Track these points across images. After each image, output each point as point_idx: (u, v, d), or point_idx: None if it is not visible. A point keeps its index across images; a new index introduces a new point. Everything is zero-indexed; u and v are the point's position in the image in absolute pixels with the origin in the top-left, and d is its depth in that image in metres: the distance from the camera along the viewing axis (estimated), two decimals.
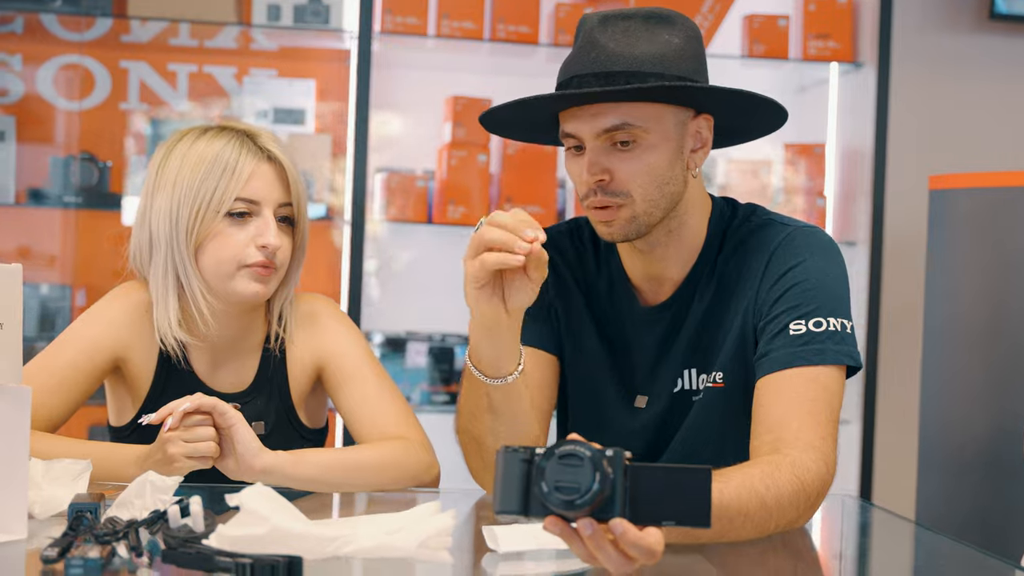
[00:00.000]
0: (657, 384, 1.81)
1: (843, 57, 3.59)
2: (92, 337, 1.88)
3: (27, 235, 3.62)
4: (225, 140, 1.84)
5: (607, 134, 1.67)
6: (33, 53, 3.63)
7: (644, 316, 1.81)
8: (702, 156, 1.74)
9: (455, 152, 3.51)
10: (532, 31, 3.51)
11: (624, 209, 1.69)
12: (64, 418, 1.85)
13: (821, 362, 1.65)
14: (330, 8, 3.46)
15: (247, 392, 1.92)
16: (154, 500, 1.44)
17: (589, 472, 1.17)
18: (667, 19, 1.70)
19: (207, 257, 1.83)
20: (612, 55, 1.66)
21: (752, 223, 1.79)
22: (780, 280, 1.71)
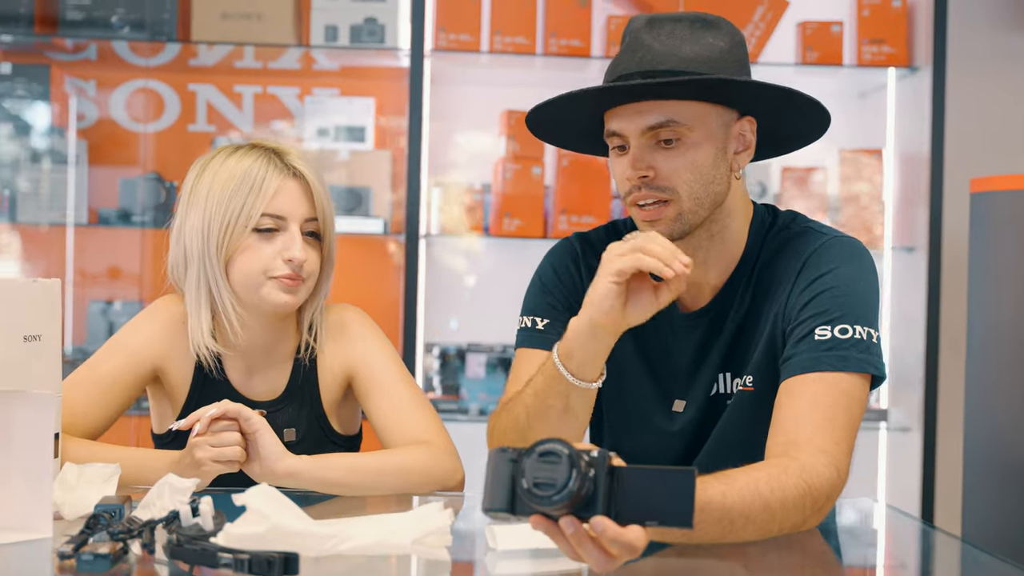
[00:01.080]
0: (695, 388, 1.83)
1: (899, 62, 3.57)
2: (132, 349, 1.97)
3: (99, 254, 3.76)
4: (253, 158, 1.92)
5: (651, 131, 1.69)
6: (106, 79, 3.78)
7: (683, 321, 1.83)
8: (745, 158, 1.76)
9: (510, 165, 3.56)
10: (584, 44, 3.56)
11: (670, 206, 1.72)
12: (105, 426, 1.95)
13: (844, 368, 1.65)
14: (385, 27, 3.54)
15: (279, 400, 1.99)
16: (172, 501, 1.51)
17: (566, 469, 1.20)
18: (713, 23, 1.73)
19: (237, 270, 1.90)
20: (657, 55, 1.69)
21: (791, 230, 1.81)
22: (810, 286, 1.72)
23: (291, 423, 1.98)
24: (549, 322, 1.87)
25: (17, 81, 3.61)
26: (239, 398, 1.95)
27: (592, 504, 1.21)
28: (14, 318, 1.62)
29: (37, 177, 3.59)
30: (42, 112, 3.64)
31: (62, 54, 3.74)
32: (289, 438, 1.97)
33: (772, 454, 1.60)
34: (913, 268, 3.53)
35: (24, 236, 3.70)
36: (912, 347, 3.52)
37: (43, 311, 1.68)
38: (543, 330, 1.87)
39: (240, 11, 3.52)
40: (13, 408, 1.50)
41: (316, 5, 3.55)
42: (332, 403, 2.02)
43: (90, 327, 3.68)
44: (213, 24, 3.53)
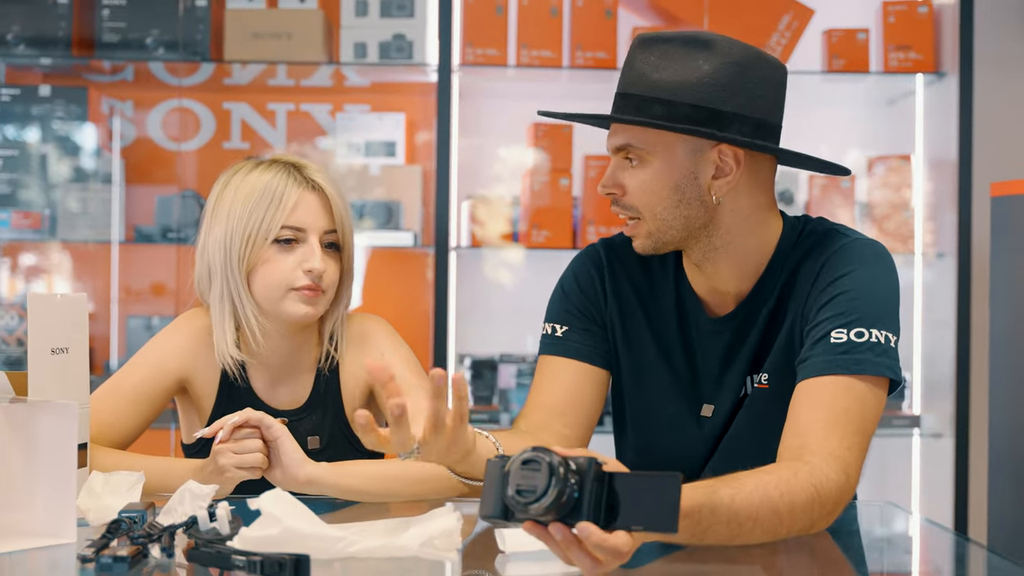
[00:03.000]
0: (723, 392, 1.84)
1: (925, 68, 3.57)
2: (158, 361, 2.02)
3: (137, 271, 3.84)
4: (273, 172, 1.97)
5: (619, 151, 1.75)
6: (143, 99, 3.86)
7: (710, 326, 1.85)
8: (724, 185, 1.74)
9: (538, 177, 3.60)
10: (610, 56, 3.59)
11: (639, 224, 1.77)
12: (133, 436, 2.00)
13: (859, 372, 1.65)
14: (413, 43, 3.60)
15: (303, 408, 2.04)
16: (192, 506, 1.55)
17: (545, 476, 1.23)
18: (706, 44, 1.71)
19: (258, 282, 1.96)
20: (635, 77, 1.73)
21: (816, 232, 1.82)
22: (828, 287, 1.73)
23: (315, 431, 2.03)
24: (568, 329, 1.90)
25: (56, 103, 3.70)
26: (263, 407, 2.00)
27: (578, 510, 1.24)
28: (41, 331, 1.68)
29: (78, 196, 3.67)
30: (80, 132, 3.73)
31: (99, 76, 3.83)
32: (313, 446, 2.01)
33: (784, 456, 1.61)
34: (943, 273, 3.53)
35: (64, 254, 3.78)
36: (944, 353, 3.51)
37: (70, 325, 1.74)
38: (562, 337, 1.90)
39: (271, 30, 3.59)
40: (39, 418, 1.55)
41: (345, 23, 3.61)
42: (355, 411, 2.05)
43: (131, 342, 3.75)
44: (245, 43, 3.60)
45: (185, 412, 2.11)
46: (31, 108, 3.69)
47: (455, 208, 3.59)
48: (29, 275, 3.81)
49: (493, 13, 3.58)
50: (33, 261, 3.80)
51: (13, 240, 3.68)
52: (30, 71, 3.80)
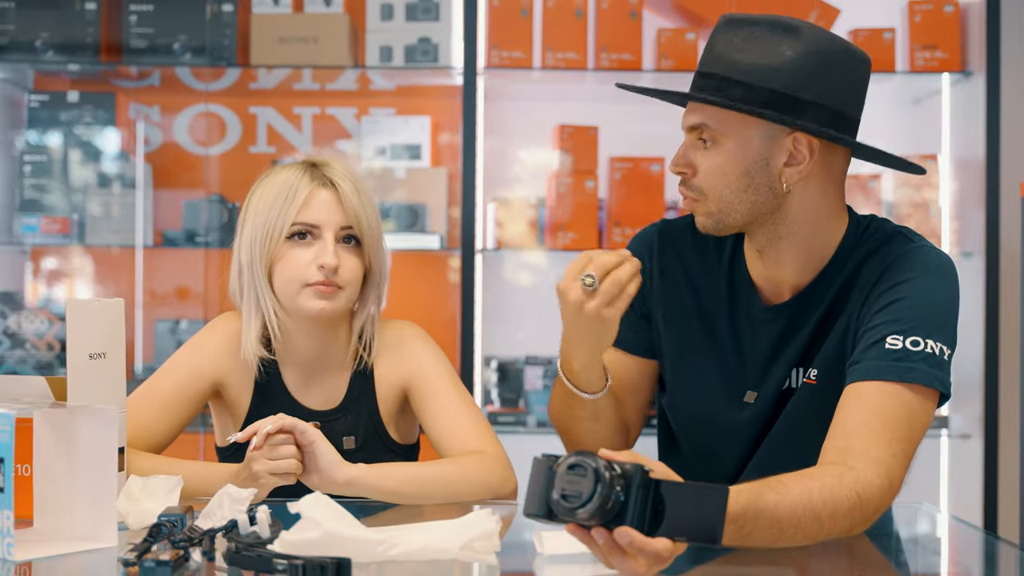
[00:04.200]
0: (768, 381, 1.83)
1: (952, 67, 3.56)
2: (192, 365, 2.04)
3: (165, 274, 3.86)
4: (291, 171, 2.01)
5: (693, 130, 1.74)
6: (170, 104, 3.88)
7: (762, 314, 1.83)
8: (796, 173, 1.73)
9: (564, 179, 3.60)
10: (635, 58, 3.59)
11: (700, 204, 1.76)
12: (168, 439, 2.02)
13: (911, 380, 1.64)
14: (438, 46, 3.61)
15: (337, 409, 2.05)
16: (231, 510, 1.57)
17: (591, 482, 1.24)
18: (792, 29, 1.70)
19: (277, 278, 1.98)
20: (716, 57, 1.72)
21: (883, 232, 1.80)
22: (888, 292, 1.71)
23: (350, 432, 2.04)
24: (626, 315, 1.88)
25: (84, 108, 3.73)
26: (297, 407, 2.02)
27: (622, 516, 1.25)
28: (80, 337, 1.69)
29: (105, 201, 3.70)
30: (108, 138, 3.75)
31: (127, 81, 3.86)
32: (348, 446, 2.03)
33: (828, 458, 1.61)
34: (971, 273, 3.51)
35: (93, 258, 3.81)
36: (972, 353, 3.49)
37: (107, 330, 1.75)
38: None
39: (297, 35, 3.61)
40: (79, 423, 1.57)
41: (371, 27, 3.62)
42: (389, 413, 2.07)
43: (158, 346, 3.77)
44: (271, 48, 3.62)
45: (219, 415, 2.12)
46: (59, 114, 3.72)
47: (481, 210, 3.60)
48: (58, 279, 3.83)
49: (518, 15, 3.59)
50: (61, 266, 3.82)
51: (42, 245, 3.71)
52: (58, 77, 3.83)
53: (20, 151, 3.73)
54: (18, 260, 3.82)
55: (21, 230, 3.65)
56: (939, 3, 3.57)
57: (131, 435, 1.93)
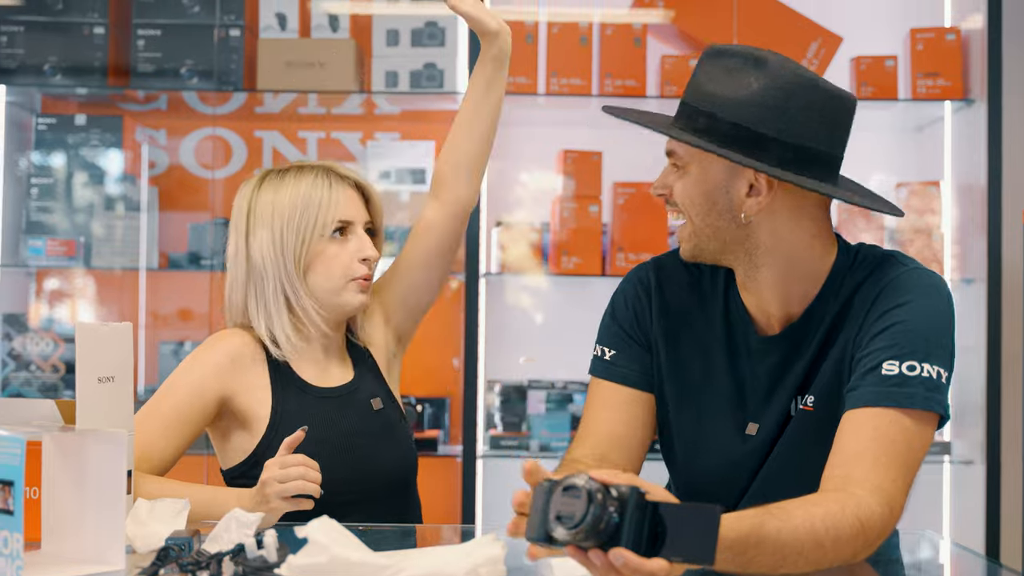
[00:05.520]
0: (769, 412, 1.82)
1: (954, 95, 3.58)
2: (194, 382, 2.04)
3: (170, 297, 3.88)
4: (313, 175, 2.09)
5: (670, 157, 1.79)
6: (176, 127, 3.91)
7: (759, 344, 1.83)
8: (754, 205, 1.73)
9: (568, 204, 3.62)
10: (639, 84, 3.62)
11: (685, 225, 1.80)
12: (172, 460, 2.02)
13: (909, 406, 1.64)
14: (444, 72, 3.64)
15: (355, 380, 2.14)
16: (239, 534, 1.58)
17: (584, 503, 1.26)
18: (760, 62, 1.71)
19: (317, 276, 2.07)
20: (693, 85, 1.75)
21: (872, 258, 1.80)
22: (883, 316, 1.71)
23: (374, 394, 2.14)
24: (616, 353, 1.92)
25: (92, 131, 3.75)
26: (320, 392, 2.10)
27: (617, 537, 1.26)
28: (89, 361, 1.70)
29: (111, 223, 3.72)
30: (115, 160, 3.78)
31: (134, 104, 3.88)
32: (377, 407, 2.13)
33: (828, 484, 1.62)
34: (973, 299, 3.53)
35: (98, 280, 3.83)
36: (974, 379, 3.50)
37: (116, 354, 1.76)
38: (611, 361, 1.92)
39: (304, 60, 3.64)
40: (88, 446, 1.58)
41: (377, 52, 3.65)
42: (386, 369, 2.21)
43: (161, 367, 3.79)
44: (278, 73, 3.64)
45: (226, 436, 2.11)
46: (67, 137, 3.75)
47: (485, 235, 3.61)
48: (64, 301, 3.85)
49: (523, 41, 3.61)
50: (67, 288, 3.84)
51: (48, 267, 3.73)
52: (66, 100, 3.86)
53: (27, 173, 3.75)
54: (24, 282, 3.84)
55: (27, 252, 3.67)
56: (941, 31, 3.60)
57: (136, 456, 1.93)
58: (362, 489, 2.06)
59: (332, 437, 2.06)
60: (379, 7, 3.69)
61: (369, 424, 2.11)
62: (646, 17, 3.68)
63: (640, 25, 3.64)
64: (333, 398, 2.10)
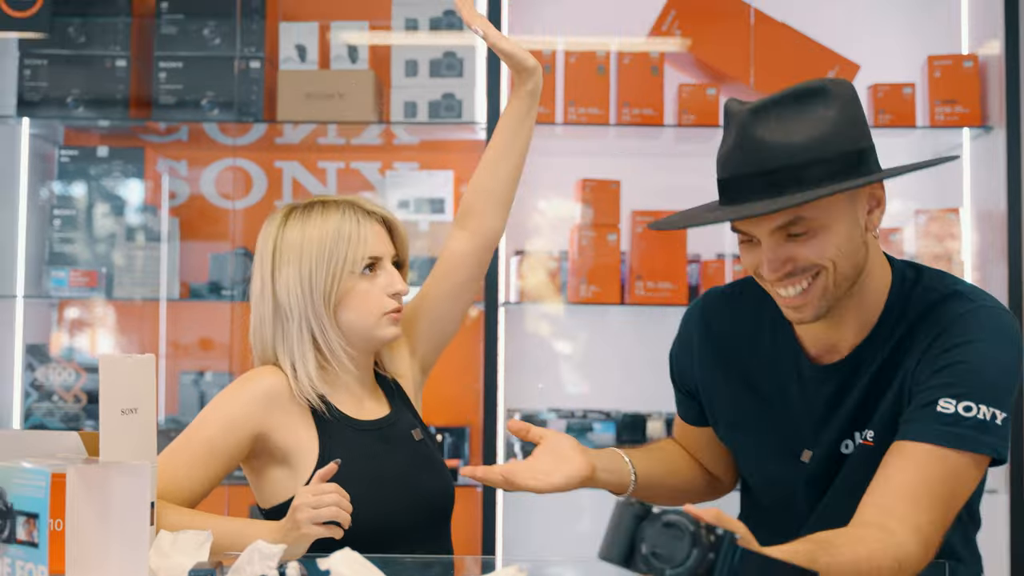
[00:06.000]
0: (822, 440, 1.82)
1: (972, 122, 3.58)
2: (226, 418, 2.03)
3: (191, 327, 3.89)
4: (340, 212, 2.08)
5: (781, 230, 1.69)
6: (197, 158, 3.94)
7: (813, 373, 1.82)
8: (879, 215, 1.74)
9: (586, 232, 3.63)
10: (657, 113, 3.63)
11: (816, 283, 1.70)
12: (202, 493, 2.02)
13: (959, 447, 1.63)
14: (462, 102, 3.66)
15: (392, 413, 2.15)
16: (262, 566, 1.58)
17: (687, 546, 1.23)
18: (818, 92, 1.67)
19: (349, 312, 2.07)
20: (769, 149, 1.65)
21: (938, 291, 1.76)
22: (945, 354, 1.69)
23: (413, 425, 2.16)
24: (677, 392, 2.05)
25: (114, 163, 3.79)
26: (361, 424, 2.10)
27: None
28: (113, 393, 1.71)
29: (132, 254, 3.74)
30: (137, 191, 3.81)
31: (155, 136, 3.92)
32: (417, 437, 2.15)
33: (867, 514, 1.62)
34: None
35: (119, 311, 3.85)
36: None
37: (139, 385, 1.77)
38: (677, 401, 2.06)
39: (323, 91, 3.66)
40: (112, 478, 1.59)
41: (395, 83, 3.68)
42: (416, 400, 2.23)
43: (182, 397, 3.80)
44: (298, 104, 3.67)
45: (259, 473, 2.09)
46: (89, 168, 3.78)
47: (504, 263, 3.62)
48: (86, 332, 3.87)
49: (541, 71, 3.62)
50: (89, 318, 3.86)
51: (70, 298, 3.75)
52: (88, 132, 3.89)
53: (50, 204, 3.78)
54: (46, 313, 3.86)
55: (50, 283, 3.69)
56: (958, 58, 3.60)
57: (164, 488, 1.94)
58: (410, 520, 2.06)
59: (382, 470, 2.05)
60: (398, 38, 3.71)
61: (413, 455, 2.12)
62: (663, 46, 3.70)
63: (657, 54, 3.65)
64: (374, 431, 2.10)
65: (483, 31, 2.16)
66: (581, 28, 3.79)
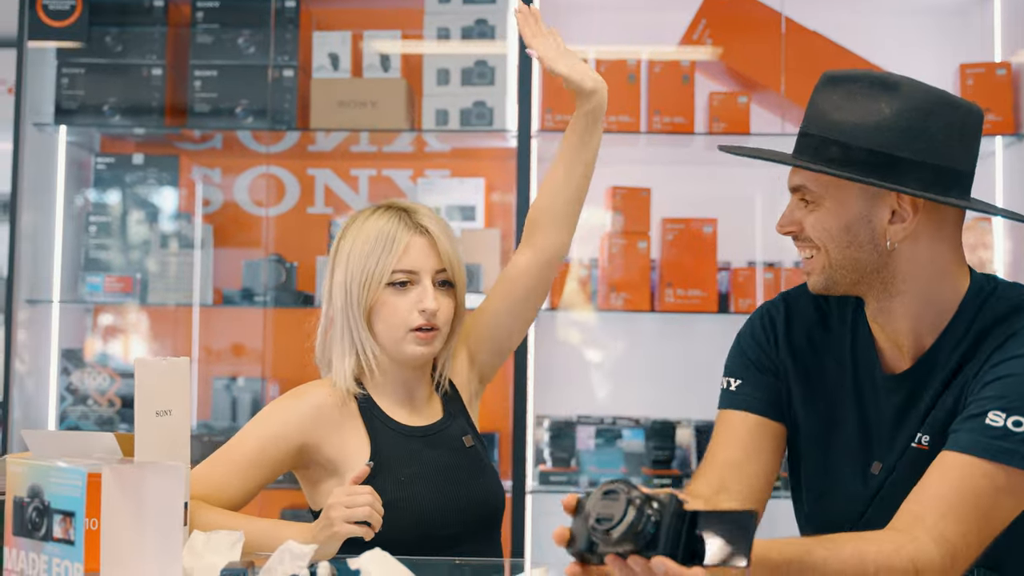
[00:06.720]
0: (893, 451, 1.79)
1: (1004, 130, 3.56)
2: (276, 431, 2.06)
3: (225, 333, 3.93)
4: (387, 218, 2.08)
5: (796, 191, 1.76)
6: (231, 166, 3.98)
7: (885, 383, 1.80)
8: (900, 231, 1.70)
9: (616, 240, 3.64)
10: (687, 121, 3.63)
11: (814, 259, 1.76)
12: (246, 498, 2.05)
13: (1006, 462, 1.60)
14: (493, 110, 3.68)
15: (444, 419, 2.15)
16: (292, 566, 1.60)
17: (623, 505, 1.29)
18: (891, 86, 1.67)
19: (380, 323, 2.08)
20: (815, 115, 1.71)
21: (1010, 302, 1.73)
22: (1001, 365, 1.66)
23: (464, 432, 2.15)
24: (742, 382, 1.89)
25: (149, 170, 3.83)
26: (405, 428, 2.10)
27: (655, 543, 1.29)
28: (147, 395, 1.74)
29: (166, 260, 3.78)
30: (171, 199, 3.85)
31: (190, 144, 3.96)
32: (468, 444, 2.14)
33: (899, 521, 1.60)
34: None
35: (153, 316, 3.89)
36: None
37: (173, 388, 1.80)
38: (736, 391, 1.89)
39: (356, 99, 3.69)
40: (146, 478, 1.61)
41: (427, 91, 3.70)
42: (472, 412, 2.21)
43: (215, 403, 3.83)
44: (331, 112, 3.70)
45: (313, 484, 2.11)
46: (124, 175, 3.83)
47: None
48: (120, 337, 3.91)
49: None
50: (124, 324, 3.91)
51: (106, 303, 3.80)
52: (124, 140, 3.94)
53: (86, 211, 3.83)
54: (82, 318, 3.91)
55: (85, 288, 3.74)
56: (991, 66, 3.59)
57: (206, 494, 1.98)
58: (457, 523, 2.06)
59: (426, 473, 2.06)
60: (430, 47, 3.74)
61: (460, 459, 2.12)
62: (694, 54, 3.70)
63: (688, 62, 3.66)
64: (421, 436, 2.11)
65: (539, 53, 2.14)
66: (612, 37, 3.80)
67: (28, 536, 1.52)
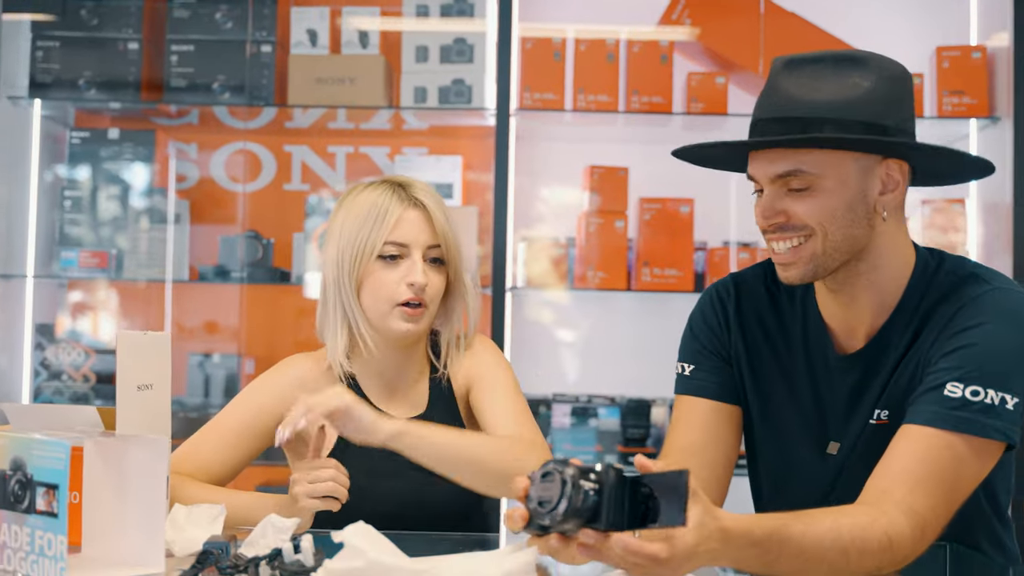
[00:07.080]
0: (849, 431, 1.81)
1: (979, 112, 3.59)
2: (259, 403, 2.08)
3: (200, 309, 3.92)
4: (380, 191, 2.06)
5: (781, 179, 1.71)
6: (207, 141, 3.96)
7: (838, 363, 1.81)
8: (892, 199, 1.72)
9: (593, 219, 3.65)
10: (665, 101, 3.64)
11: (807, 245, 1.72)
12: (231, 473, 2.07)
13: (966, 431, 1.61)
14: (472, 88, 3.67)
15: (424, 415, 2.09)
16: (275, 539, 1.61)
17: (559, 486, 1.31)
18: (858, 61, 1.69)
19: (367, 296, 2.05)
20: (791, 100, 1.69)
21: (956, 275, 1.75)
22: (956, 336, 1.68)
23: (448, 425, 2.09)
24: (695, 368, 1.91)
25: (124, 145, 3.80)
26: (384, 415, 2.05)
27: (598, 514, 1.31)
28: (129, 368, 1.74)
29: (140, 236, 3.76)
30: (147, 174, 3.83)
31: (166, 119, 3.94)
32: None
33: (867, 496, 1.61)
34: None
35: (128, 292, 3.87)
36: None
37: (155, 362, 1.80)
38: (691, 376, 1.91)
39: (334, 76, 3.68)
40: (128, 452, 1.61)
41: (406, 68, 3.69)
42: (467, 417, 2.14)
43: (189, 379, 3.82)
44: (308, 88, 3.69)
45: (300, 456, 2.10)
46: (99, 150, 3.80)
47: (511, 249, 3.64)
48: (95, 313, 3.89)
49: (550, 58, 3.65)
50: (99, 299, 3.89)
51: (80, 278, 3.78)
52: (99, 115, 3.91)
53: (60, 186, 3.80)
54: (56, 293, 3.89)
55: (60, 264, 3.72)
56: (967, 49, 3.62)
57: (194, 468, 1.99)
58: (432, 516, 2.03)
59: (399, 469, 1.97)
60: (408, 24, 3.73)
61: None
62: (672, 34, 3.71)
63: (667, 42, 3.67)
64: None
65: None
66: (591, 16, 3.81)
67: (10, 509, 1.52)
